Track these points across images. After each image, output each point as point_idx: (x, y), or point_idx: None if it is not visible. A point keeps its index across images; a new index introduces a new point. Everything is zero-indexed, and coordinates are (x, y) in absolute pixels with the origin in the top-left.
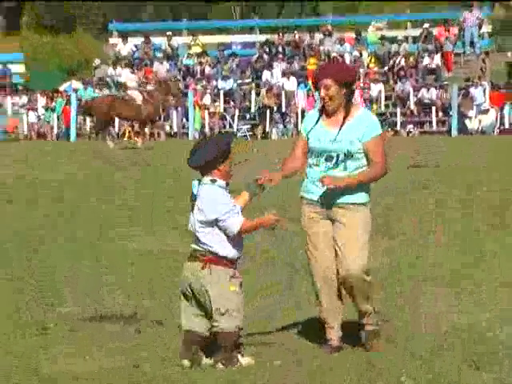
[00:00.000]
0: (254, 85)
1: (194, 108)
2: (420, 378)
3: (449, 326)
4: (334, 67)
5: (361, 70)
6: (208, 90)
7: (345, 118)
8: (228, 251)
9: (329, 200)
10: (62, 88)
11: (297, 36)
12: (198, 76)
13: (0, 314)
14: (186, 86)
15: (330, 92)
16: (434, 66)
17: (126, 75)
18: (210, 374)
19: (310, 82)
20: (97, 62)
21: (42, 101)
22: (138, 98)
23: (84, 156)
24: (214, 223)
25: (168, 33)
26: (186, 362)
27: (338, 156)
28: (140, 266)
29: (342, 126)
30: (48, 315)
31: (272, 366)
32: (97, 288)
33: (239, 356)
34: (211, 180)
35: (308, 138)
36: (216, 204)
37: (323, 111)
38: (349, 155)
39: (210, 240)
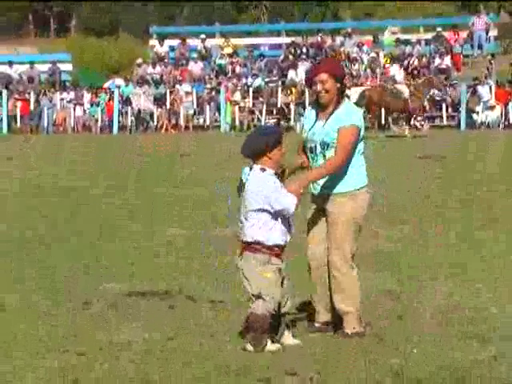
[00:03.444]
0: (280, 82)
1: (226, 103)
2: (430, 350)
3: (452, 307)
4: (328, 64)
5: (377, 70)
6: (238, 87)
7: (333, 111)
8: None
9: (319, 190)
10: (105, 85)
11: (319, 38)
12: (230, 74)
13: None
14: (219, 84)
15: (326, 86)
16: (444, 66)
17: (395, 69)
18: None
19: None
20: (138, 61)
21: (87, 96)
22: (405, 91)
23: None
24: (268, 210)
25: (202, 36)
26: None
27: (315, 147)
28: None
29: (327, 118)
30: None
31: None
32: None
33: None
34: (261, 169)
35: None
36: (267, 191)
37: (318, 106)
38: (324, 145)
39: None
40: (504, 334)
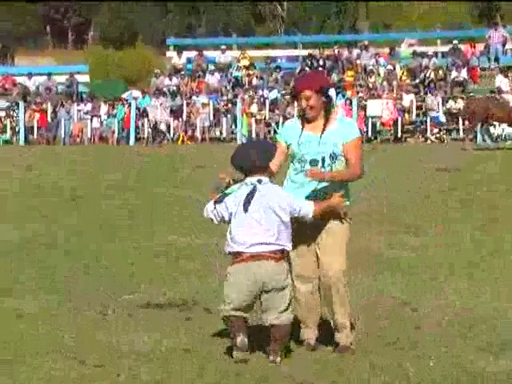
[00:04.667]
0: None
1: (242, 115)
2: (444, 363)
3: (452, 307)
4: (310, 78)
5: (394, 82)
6: (255, 99)
7: (326, 122)
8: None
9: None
10: (123, 96)
11: (336, 51)
12: (246, 86)
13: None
14: (235, 96)
15: (310, 102)
16: (461, 78)
17: (499, 79)
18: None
19: (348, 92)
20: (155, 72)
21: (104, 108)
22: (511, 100)
23: None
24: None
25: (223, 47)
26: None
27: (323, 159)
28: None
29: (324, 129)
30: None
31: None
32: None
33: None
34: (270, 181)
35: (289, 145)
36: (288, 197)
37: (303, 120)
38: (334, 157)
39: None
40: (507, 334)
